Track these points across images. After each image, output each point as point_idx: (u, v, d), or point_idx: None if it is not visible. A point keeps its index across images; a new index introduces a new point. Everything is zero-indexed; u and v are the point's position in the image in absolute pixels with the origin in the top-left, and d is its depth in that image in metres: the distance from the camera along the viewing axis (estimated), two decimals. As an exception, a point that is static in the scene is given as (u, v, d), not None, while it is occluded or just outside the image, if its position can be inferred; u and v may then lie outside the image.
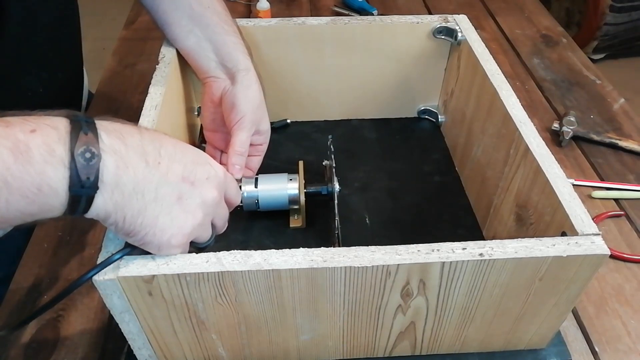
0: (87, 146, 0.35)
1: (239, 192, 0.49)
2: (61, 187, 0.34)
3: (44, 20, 0.63)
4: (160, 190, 0.39)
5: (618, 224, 0.70)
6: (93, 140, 0.35)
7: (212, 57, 0.63)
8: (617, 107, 0.89)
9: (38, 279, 0.61)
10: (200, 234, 0.44)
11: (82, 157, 0.34)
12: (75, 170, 0.34)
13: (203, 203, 0.42)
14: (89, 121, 0.36)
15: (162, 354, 0.50)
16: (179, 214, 0.41)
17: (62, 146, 0.34)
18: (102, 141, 0.36)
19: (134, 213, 0.38)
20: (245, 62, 0.63)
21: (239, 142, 0.61)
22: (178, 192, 0.40)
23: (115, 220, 0.38)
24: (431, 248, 0.43)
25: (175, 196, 0.40)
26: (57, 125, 0.35)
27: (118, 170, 0.36)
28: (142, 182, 0.38)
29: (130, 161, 0.37)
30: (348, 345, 0.52)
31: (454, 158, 0.77)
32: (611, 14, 2.11)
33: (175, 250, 0.42)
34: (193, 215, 0.42)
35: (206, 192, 0.42)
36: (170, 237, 0.41)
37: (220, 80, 0.63)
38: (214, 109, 0.65)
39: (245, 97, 0.61)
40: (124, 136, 0.38)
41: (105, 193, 0.36)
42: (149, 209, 0.39)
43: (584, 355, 0.56)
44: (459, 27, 0.72)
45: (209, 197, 0.43)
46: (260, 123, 0.64)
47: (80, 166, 0.34)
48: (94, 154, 0.35)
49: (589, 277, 0.46)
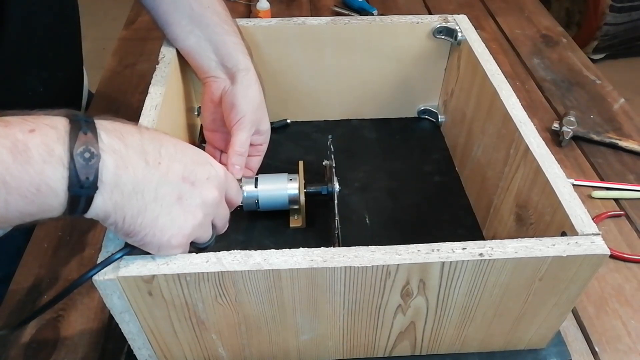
0: (87, 146, 0.35)
1: (239, 192, 0.49)
2: (60, 187, 0.34)
3: (44, 20, 0.63)
4: (160, 190, 0.39)
5: (618, 224, 0.70)
6: (92, 139, 0.35)
7: (212, 57, 0.63)
8: (617, 107, 0.89)
9: (38, 279, 0.61)
10: (201, 234, 0.44)
11: (82, 157, 0.34)
12: (75, 170, 0.34)
13: (203, 203, 0.42)
14: (88, 121, 0.36)
15: (162, 354, 0.50)
16: (179, 214, 0.41)
17: (61, 146, 0.34)
18: (102, 141, 0.36)
19: (134, 213, 0.38)
20: (246, 62, 0.63)
21: (238, 142, 0.61)
22: (178, 192, 0.40)
23: (115, 220, 0.38)
24: (431, 248, 0.43)
25: (175, 196, 0.40)
26: (56, 125, 0.35)
27: (118, 170, 0.36)
28: (142, 182, 0.38)
29: (130, 161, 0.37)
30: (348, 345, 0.52)
31: (454, 158, 0.77)
32: (611, 14, 2.11)
33: (175, 250, 0.42)
34: (193, 215, 0.42)
35: (206, 192, 0.42)
36: (170, 237, 0.41)
37: (221, 80, 0.63)
38: (214, 109, 0.65)
39: (245, 97, 0.61)
40: (124, 136, 0.38)
41: (105, 193, 0.36)
42: (148, 209, 0.39)
43: (584, 355, 0.56)
44: (459, 27, 0.72)
45: (210, 197, 0.42)
46: (260, 123, 0.64)
47: (80, 166, 0.34)
48: (93, 154, 0.35)
49: (589, 277, 0.46)
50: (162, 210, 0.40)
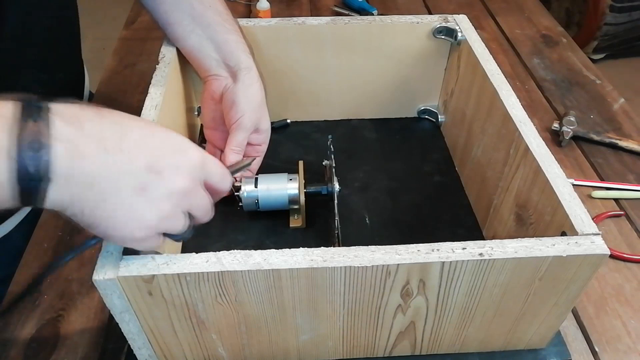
0: (36, 136, 0.32)
1: (225, 178, 0.45)
2: (7, 180, 0.32)
3: (42, 22, 0.63)
4: (122, 181, 0.36)
5: (618, 223, 0.70)
6: (43, 128, 0.33)
7: (214, 55, 0.63)
8: (617, 107, 0.89)
9: (38, 278, 0.61)
10: (170, 226, 0.40)
11: (30, 147, 0.32)
12: (23, 162, 0.32)
13: (171, 194, 0.39)
14: (41, 106, 0.33)
15: (162, 354, 0.50)
16: (142, 205, 0.38)
17: (7, 136, 0.32)
18: (55, 128, 0.33)
19: (92, 205, 0.36)
20: (247, 60, 0.62)
21: (235, 141, 0.61)
22: (142, 183, 0.37)
23: (74, 212, 0.36)
24: (431, 248, 0.43)
25: (138, 187, 0.37)
26: (4, 112, 0.32)
27: (72, 160, 0.34)
28: (99, 173, 0.35)
29: (86, 150, 0.34)
30: (348, 345, 0.52)
31: (454, 158, 0.77)
32: (611, 14, 2.11)
33: (142, 243, 0.40)
34: (158, 207, 0.38)
35: (175, 181, 0.39)
36: (132, 230, 0.38)
37: (222, 79, 0.63)
38: (214, 107, 0.65)
39: (246, 96, 0.61)
40: (82, 121, 0.35)
41: (59, 185, 0.34)
42: (108, 201, 0.36)
43: (584, 355, 0.56)
44: (459, 27, 0.72)
45: (178, 186, 0.39)
46: (260, 122, 0.64)
47: (28, 157, 0.32)
48: (42, 144, 0.32)
49: (589, 277, 0.46)
50: (123, 202, 0.37)
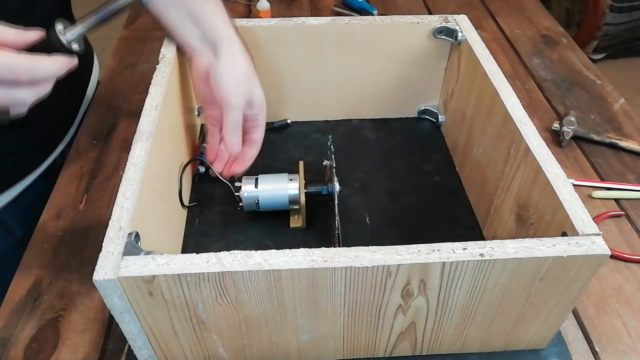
0: None
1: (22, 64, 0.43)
2: None
3: (39, 15, 0.63)
4: None
5: (618, 224, 0.70)
6: None
7: (194, 30, 0.61)
8: (617, 107, 0.89)
9: (38, 279, 0.61)
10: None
11: None
12: None
13: None
14: None
15: (163, 354, 0.50)
16: None
17: None
18: None
19: None
20: (227, 32, 0.61)
21: (229, 120, 0.60)
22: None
23: None
24: (432, 248, 0.43)
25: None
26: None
27: None
28: None
29: None
30: (348, 346, 0.52)
31: (454, 158, 0.77)
32: (611, 14, 2.11)
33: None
34: None
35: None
36: None
37: (205, 56, 0.62)
38: (203, 85, 0.64)
39: (231, 74, 0.60)
40: None
41: None
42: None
43: (584, 355, 0.56)
44: (459, 27, 0.72)
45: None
46: (252, 95, 0.62)
47: None
48: None
49: (590, 277, 0.46)
50: None
